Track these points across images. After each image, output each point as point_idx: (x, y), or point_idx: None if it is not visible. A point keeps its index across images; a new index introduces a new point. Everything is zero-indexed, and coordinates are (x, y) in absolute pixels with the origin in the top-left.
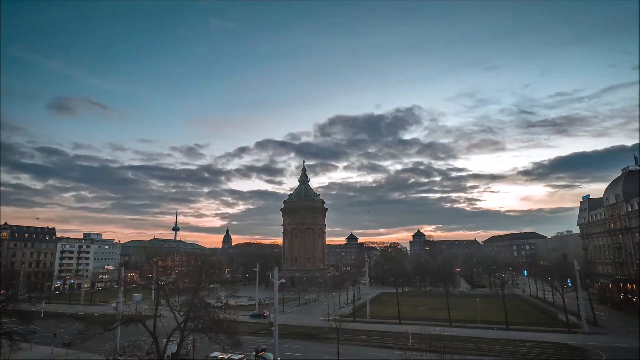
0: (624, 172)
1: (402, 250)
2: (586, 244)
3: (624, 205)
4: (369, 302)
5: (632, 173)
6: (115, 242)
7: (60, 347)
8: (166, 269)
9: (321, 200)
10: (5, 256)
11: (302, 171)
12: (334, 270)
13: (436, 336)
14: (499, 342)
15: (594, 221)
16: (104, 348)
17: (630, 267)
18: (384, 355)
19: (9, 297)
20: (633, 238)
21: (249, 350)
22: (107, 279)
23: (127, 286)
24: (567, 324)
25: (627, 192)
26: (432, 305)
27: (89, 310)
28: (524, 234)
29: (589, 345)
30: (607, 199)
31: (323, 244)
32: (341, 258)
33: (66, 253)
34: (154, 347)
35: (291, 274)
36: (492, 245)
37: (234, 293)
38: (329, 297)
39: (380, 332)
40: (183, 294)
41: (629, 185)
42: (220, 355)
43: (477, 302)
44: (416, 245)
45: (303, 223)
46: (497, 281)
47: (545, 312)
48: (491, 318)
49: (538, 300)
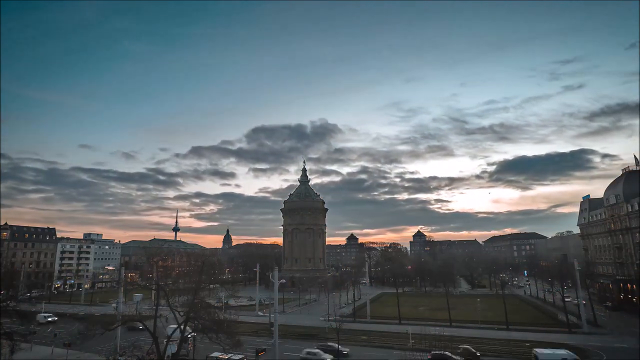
0: (624, 172)
1: (402, 250)
2: (586, 244)
3: (624, 205)
4: (369, 302)
5: (632, 173)
6: (115, 242)
7: (60, 347)
8: (166, 269)
9: (321, 200)
10: (5, 256)
11: (302, 171)
12: (334, 270)
13: (436, 336)
14: (499, 342)
15: (594, 221)
16: (104, 348)
17: (630, 267)
18: (384, 355)
19: (8, 297)
20: (633, 238)
21: (249, 350)
22: (107, 279)
23: (127, 286)
24: (567, 324)
25: (627, 192)
26: (432, 305)
27: (89, 310)
28: (524, 234)
29: (589, 345)
30: (607, 199)
31: (323, 244)
32: (341, 258)
33: (66, 253)
34: (154, 347)
35: (291, 274)
36: (492, 245)
37: (234, 293)
38: (329, 297)
39: (380, 332)
40: (183, 294)
41: (629, 185)
42: (220, 355)
43: (477, 302)
44: (416, 245)
45: (303, 223)
46: (497, 281)
47: (545, 312)
48: (491, 318)
49: (538, 300)
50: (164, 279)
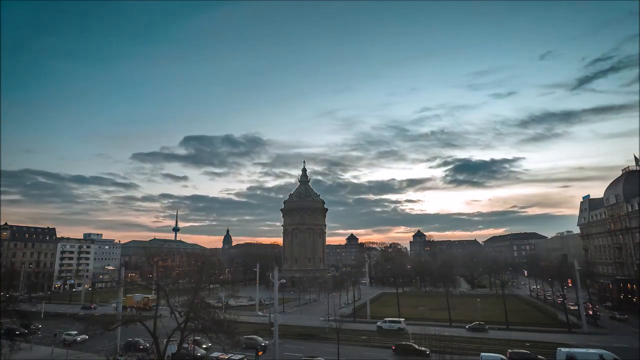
0: (624, 172)
1: (402, 250)
2: (586, 244)
3: (624, 205)
4: (369, 302)
5: (632, 173)
6: (115, 242)
7: (60, 347)
8: (166, 269)
9: (321, 200)
10: (5, 256)
11: (302, 171)
12: (334, 270)
13: (436, 336)
14: (499, 342)
15: (594, 221)
16: (104, 348)
17: (630, 267)
18: (384, 355)
19: (8, 297)
20: (633, 238)
21: (250, 350)
22: (107, 279)
23: (127, 286)
24: (567, 323)
25: (627, 192)
26: (432, 305)
27: (89, 311)
28: (524, 234)
29: (589, 345)
30: (607, 199)
31: (323, 244)
32: (341, 258)
33: (66, 253)
34: (154, 347)
35: (291, 274)
36: (492, 245)
37: (234, 293)
38: (329, 297)
39: (380, 332)
40: (183, 294)
41: (629, 185)
42: (220, 355)
43: (477, 302)
44: (416, 245)
45: (303, 223)
46: (497, 281)
47: (545, 312)
48: (491, 318)
49: (538, 300)
50: (164, 279)
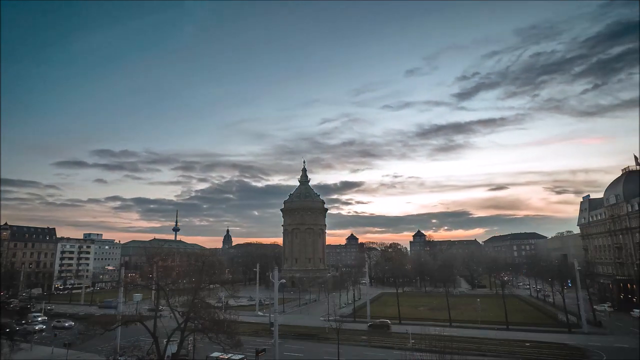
0: (624, 172)
1: (402, 250)
2: (586, 244)
3: (624, 205)
4: (369, 302)
5: (632, 173)
6: (115, 242)
7: (60, 347)
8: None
9: (321, 200)
10: (5, 256)
11: (302, 171)
12: (334, 270)
13: (436, 336)
14: (499, 342)
15: (594, 221)
16: (104, 348)
17: (630, 267)
18: (384, 355)
19: (8, 298)
20: (633, 238)
21: (249, 350)
22: (107, 279)
23: (127, 286)
24: (567, 323)
25: (627, 192)
26: (432, 305)
27: (89, 310)
28: (524, 234)
29: (589, 345)
30: (607, 199)
31: (323, 244)
32: (341, 258)
33: (66, 253)
34: (154, 347)
35: (291, 274)
36: (492, 245)
37: (234, 293)
38: (329, 297)
39: (381, 332)
40: (183, 294)
41: (629, 185)
42: (220, 355)
43: (477, 302)
44: (416, 245)
45: (303, 223)
46: (497, 281)
47: (545, 312)
48: (491, 318)
49: (538, 300)
50: (164, 279)
